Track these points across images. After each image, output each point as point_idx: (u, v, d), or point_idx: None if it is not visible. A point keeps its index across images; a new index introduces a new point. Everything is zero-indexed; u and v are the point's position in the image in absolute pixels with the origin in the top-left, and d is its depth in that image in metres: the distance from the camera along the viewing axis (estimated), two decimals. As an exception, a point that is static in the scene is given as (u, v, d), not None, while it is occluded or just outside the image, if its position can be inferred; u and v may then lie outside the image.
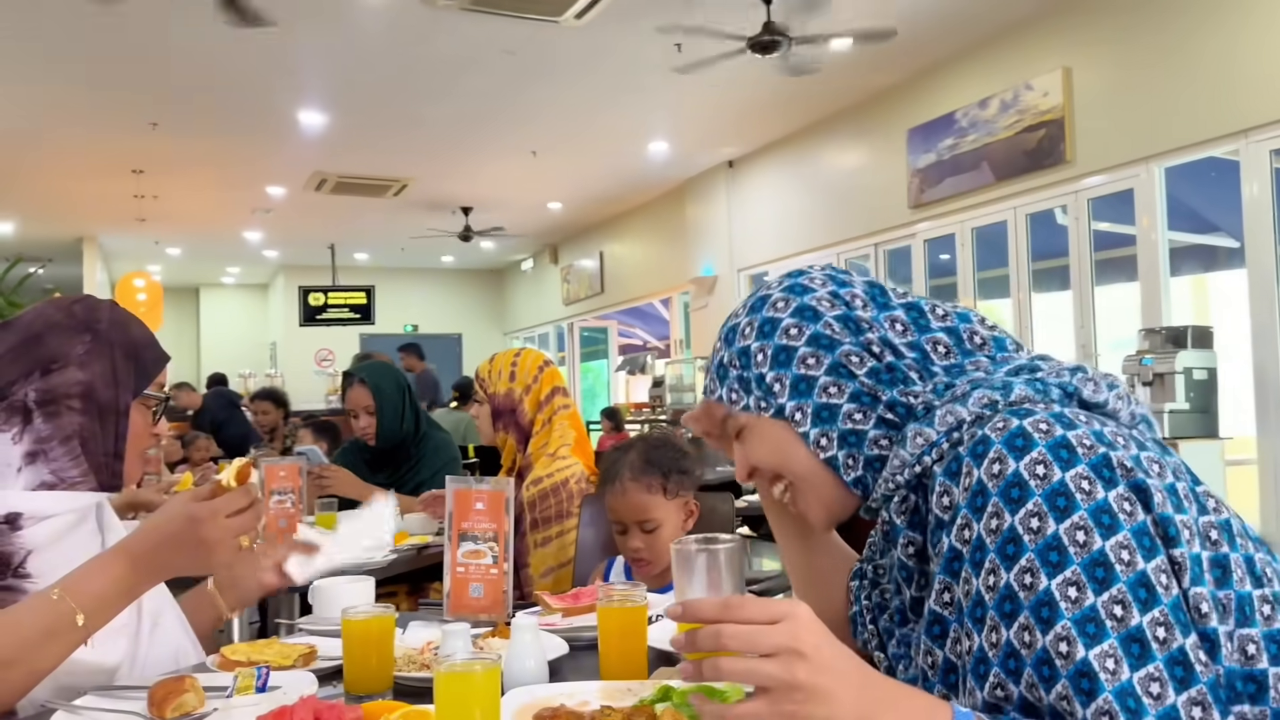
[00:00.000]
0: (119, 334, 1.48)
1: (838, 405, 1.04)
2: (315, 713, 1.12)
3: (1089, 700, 0.81)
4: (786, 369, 1.06)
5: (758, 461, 1.11)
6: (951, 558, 0.94)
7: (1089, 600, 0.83)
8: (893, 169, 7.91)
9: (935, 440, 0.98)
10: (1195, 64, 5.55)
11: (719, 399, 1.12)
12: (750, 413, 1.09)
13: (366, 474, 3.31)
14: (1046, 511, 0.86)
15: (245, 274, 17.04)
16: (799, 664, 0.80)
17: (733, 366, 1.11)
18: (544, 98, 8.04)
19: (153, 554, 1.32)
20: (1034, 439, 0.89)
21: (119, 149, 9.16)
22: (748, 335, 1.10)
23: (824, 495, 1.08)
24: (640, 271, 12.60)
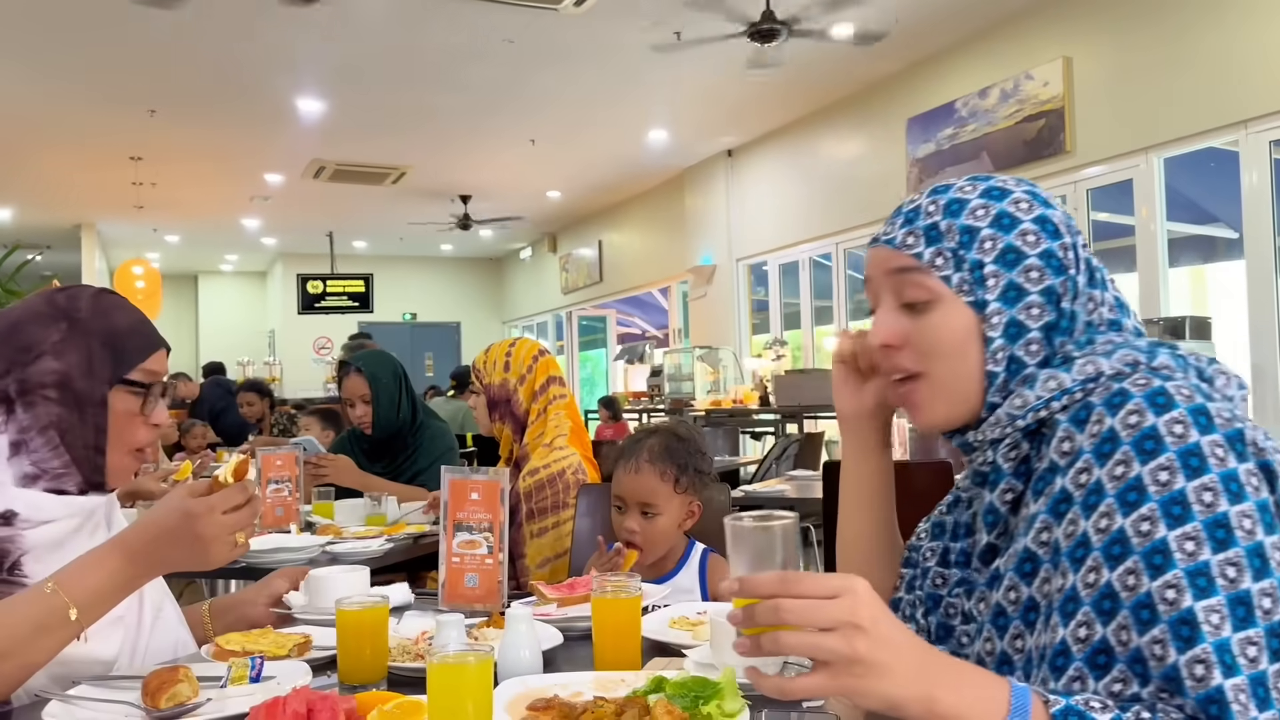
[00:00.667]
0: (98, 322, 1.45)
1: (1028, 328, 1.03)
2: (309, 703, 1.12)
3: (1186, 647, 0.82)
4: (1008, 270, 1.03)
5: (925, 339, 1.06)
6: (1061, 499, 0.95)
7: (1204, 556, 0.84)
8: (892, 158, 7.90)
9: (1068, 387, 0.98)
10: (1195, 54, 5.53)
11: (915, 255, 1.06)
12: (948, 287, 1.04)
13: (364, 463, 3.31)
14: (1178, 468, 0.87)
15: (244, 261, 17.01)
16: (859, 638, 0.81)
17: (949, 236, 1.06)
18: (543, 86, 8.02)
19: (149, 549, 1.31)
20: (1175, 400, 0.90)
21: (117, 136, 9.12)
22: (979, 216, 1.05)
23: (956, 401, 1.06)
24: (639, 260, 12.58)
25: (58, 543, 1.40)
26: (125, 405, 1.45)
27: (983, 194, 1.07)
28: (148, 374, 1.47)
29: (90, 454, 1.42)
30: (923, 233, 1.07)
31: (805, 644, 0.82)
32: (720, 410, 8.16)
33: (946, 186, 1.10)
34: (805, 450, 5.67)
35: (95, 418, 1.42)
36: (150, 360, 1.48)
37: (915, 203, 1.10)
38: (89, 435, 1.41)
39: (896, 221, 1.10)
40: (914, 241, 1.07)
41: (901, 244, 1.08)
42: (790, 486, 4.18)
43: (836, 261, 8.95)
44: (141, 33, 6.69)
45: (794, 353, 9.41)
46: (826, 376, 7.89)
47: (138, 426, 1.46)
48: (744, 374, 9.62)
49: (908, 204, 1.11)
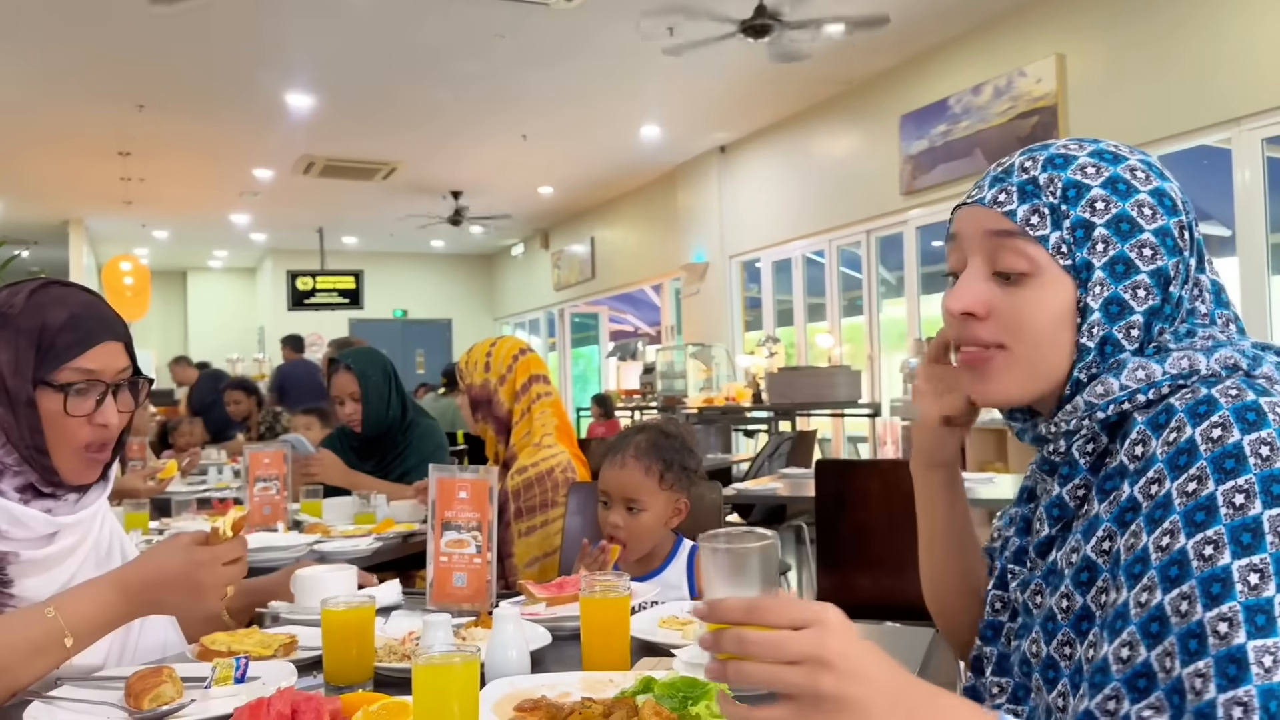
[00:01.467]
0: (29, 318, 1.39)
1: (1131, 310, 0.93)
2: (293, 704, 1.11)
3: (1229, 686, 0.76)
4: (1121, 241, 0.93)
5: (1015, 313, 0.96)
6: (1128, 508, 0.88)
7: (1268, 592, 0.78)
8: (885, 155, 7.90)
9: (1157, 380, 0.90)
10: (1188, 52, 5.54)
11: (1008, 213, 0.96)
12: (1046, 250, 0.94)
13: (353, 461, 3.29)
14: (1257, 493, 0.80)
15: (233, 258, 16.95)
16: (824, 674, 0.76)
17: (1048, 190, 0.95)
18: (535, 81, 8.00)
19: (146, 589, 1.33)
20: (1268, 419, 0.83)
21: (105, 131, 9.07)
22: (1089, 174, 0.95)
23: (1034, 380, 0.97)
24: (631, 257, 12.57)
25: (39, 551, 1.39)
26: (52, 405, 1.38)
27: (1093, 154, 0.98)
28: (81, 372, 1.39)
29: (33, 454, 1.39)
30: (1016, 188, 0.97)
31: (768, 677, 0.77)
32: (713, 407, 8.16)
33: (1045, 146, 1.00)
34: (798, 448, 5.67)
35: (28, 418, 1.37)
36: (84, 358, 1.39)
37: (1009, 161, 1.01)
38: (26, 435, 1.38)
39: (985, 182, 1.01)
40: (1005, 199, 0.97)
41: (992, 202, 0.98)
42: (783, 484, 4.18)
43: (829, 258, 8.95)
44: (130, 26, 6.65)
45: (787, 350, 9.41)
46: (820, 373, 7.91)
47: (78, 426, 1.40)
48: (737, 371, 9.61)
49: (995, 166, 1.02)
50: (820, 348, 9.00)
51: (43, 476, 1.40)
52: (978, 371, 1.00)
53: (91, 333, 1.41)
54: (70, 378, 1.39)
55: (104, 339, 1.42)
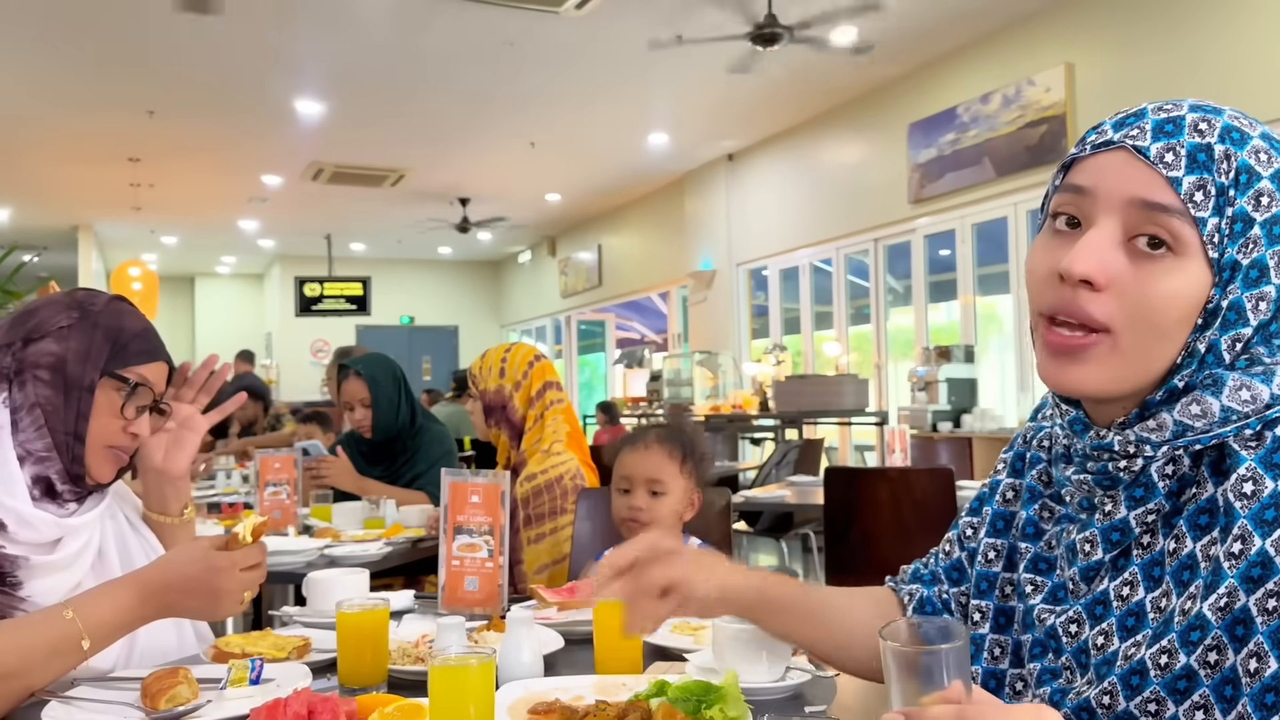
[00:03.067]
0: (109, 318, 1.49)
1: (1247, 320, 0.81)
2: (309, 706, 1.11)
3: None
4: (1269, 245, 0.81)
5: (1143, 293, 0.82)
6: (1258, 563, 0.75)
7: None
8: (893, 163, 7.90)
9: (1262, 404, 0.79)
10: (1197, 61, 5.54)
11: (1173, 180, 0.81)
12: (1199, 232, 0.81)
13: (363, 467, 3.30)
14: None
15: (241, 264, 17.00)
16: None
17: (1221, 168, 0.81)
18: (543, 89, 8.02)
19: (164, 592, 1.35)
20: None
21: (115, 136, 9.12)
22: (1263, 163, 0.82)
23: (1129, 378, 0.84)
24: (638, 265, 12.58)
25: (47, 556, 1.40)
26: (110, 399, 1.47)
27: (1263, 136, 0.84)
28: (141, 378, 1.49)
29: (69, 440, 1.43)
30: (1187, 153, 0.82)
31: None
32: (719, 415, 8.16)
33: (1217, 110, 0.86)
34: (805, 456, 5.67)
35: (80, 402, 1.44)
36: (147, 367, 1.51)
37: (1174, 112, 0.85)
38: (70, 420, 1.43)
39: (1145, 126, 0.85)
40: (1173, 160, 0.82)
41: (1157, 158, 0.82)
42: (790, 492, 4.18)
43: (837, 266, 8.95)
44: (141, 33, 6.69)
45: (794, 358, 9.41)
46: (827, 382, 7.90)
47: (118, 427, 1.48)
48: (743, 379, 9.61)
49: (1157, 109, 0.86)
50: (827, 356, 8.99)
51: (67, 468, 1.43)
52: (1068, 354, 0.85)
53: (158, 348, 1.54)
54: (135, 378, 1.48)
55: (163, 358, 1.55)
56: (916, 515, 2.97)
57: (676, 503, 2.03)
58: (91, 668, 1.39)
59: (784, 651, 1.29)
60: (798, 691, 1.28)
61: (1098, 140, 0.87)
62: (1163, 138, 0.83)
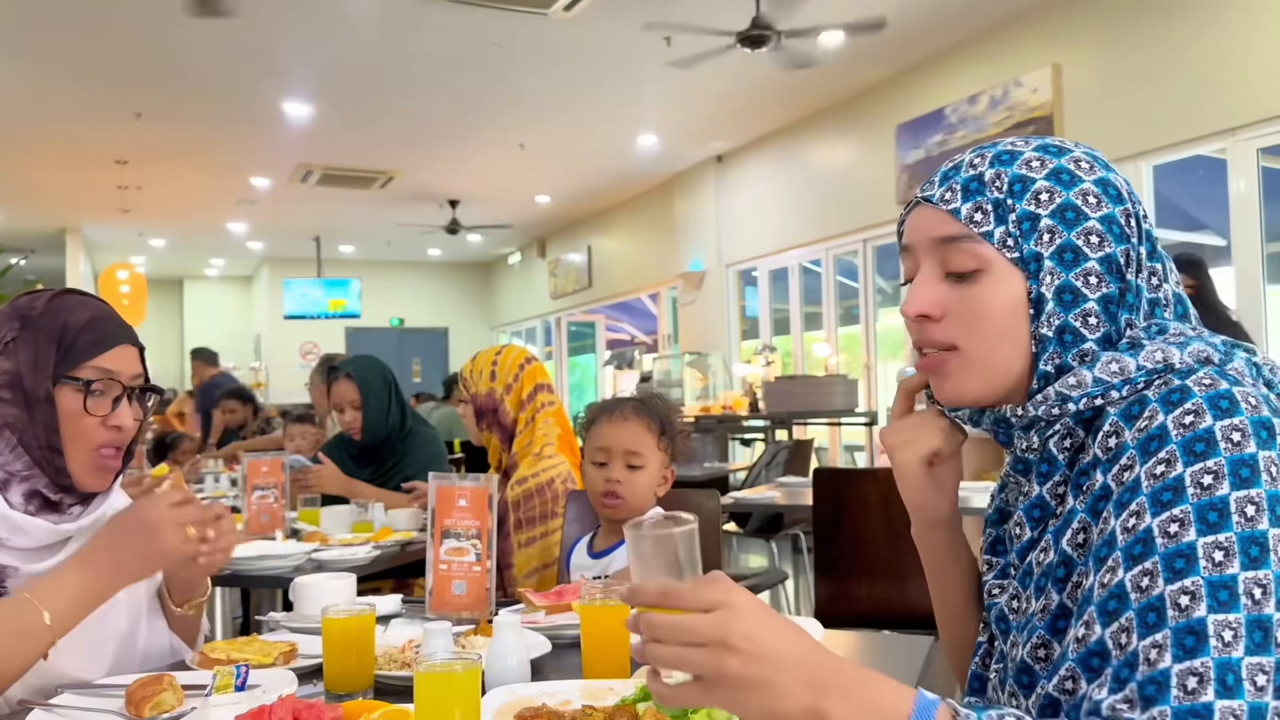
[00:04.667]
0: (50, 319, 1.43)
1: (1086, 296, 0.93)
2: (294, 712, 1.11)
3: (1186, 657, 0.76)
4: (1065, 230, 0.93)
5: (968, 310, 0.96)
6: (1100, 496, 0.88)
7: (1232, 570, 0.78)
8: (881, 164, 7.92)
9: (1132, 374, 0.90)
10: (1184, 62, 5.56)
11: (952, 211, 0.96)
12: (992, 246, 0.94)
13: (352, 469, 3.29)
14: (1225, 474, 0.80)
15: (229, 266, 16.94)
16: (728, 656, 0.78)
17: (994, 186, 0.95)
18: (532, 91, 8.01)
19: (103, 549, 1.34)
20: (1240, 406, 0.83)
21: (102, 139, 9.08)
22: (1035, 169, 0.96)
23: (993, 379, 0.97)
24: (628, 266, 12.58)
25: (40, 564, 1.39)
26: (72, 403, 1.41)
27: (1038, 149, 0.98)
28: (99, 371, 1.42)
29: (47, 454, 1.40)
30: (961, 186, 0.97)
31: (674, 658, 0.80)
32: (709, 416, 8.16)
33: (994, 144, 1.01)
34: (795, 456, 5.67)
35: (44, 416, 1.40)
36: (104, 358, 1.43)
37: (959, 158, 1.01)
38: (41, 434, 1.39)
39: (935, 179, 1.00)
40: (950, 196, 0.97)
41: (939, 200, 0.98)
42: (780, 493, 4.18)
43: (826, 267, 8.96)
44: (127, 35, 6.66)
45: (783, 359, 9.41)
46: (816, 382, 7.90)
47: (94, 427, 1.42)
48: (733, 380, 9.62)
49: (946, 163, 1.02)
50: (817, 356, 9.00)
51: (53, 480, 1.41)
52: (937, 373, 1.00)
53: (112, 334, 1.45)
54: (90, 375, 1.42)
55: (122, 341, 1.46)
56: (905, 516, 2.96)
57: (652, 477, 2.02)
58: (75, 676, 1.38)
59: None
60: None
61: (907, 204, 1.03)
62: (944, 183, 0.99)
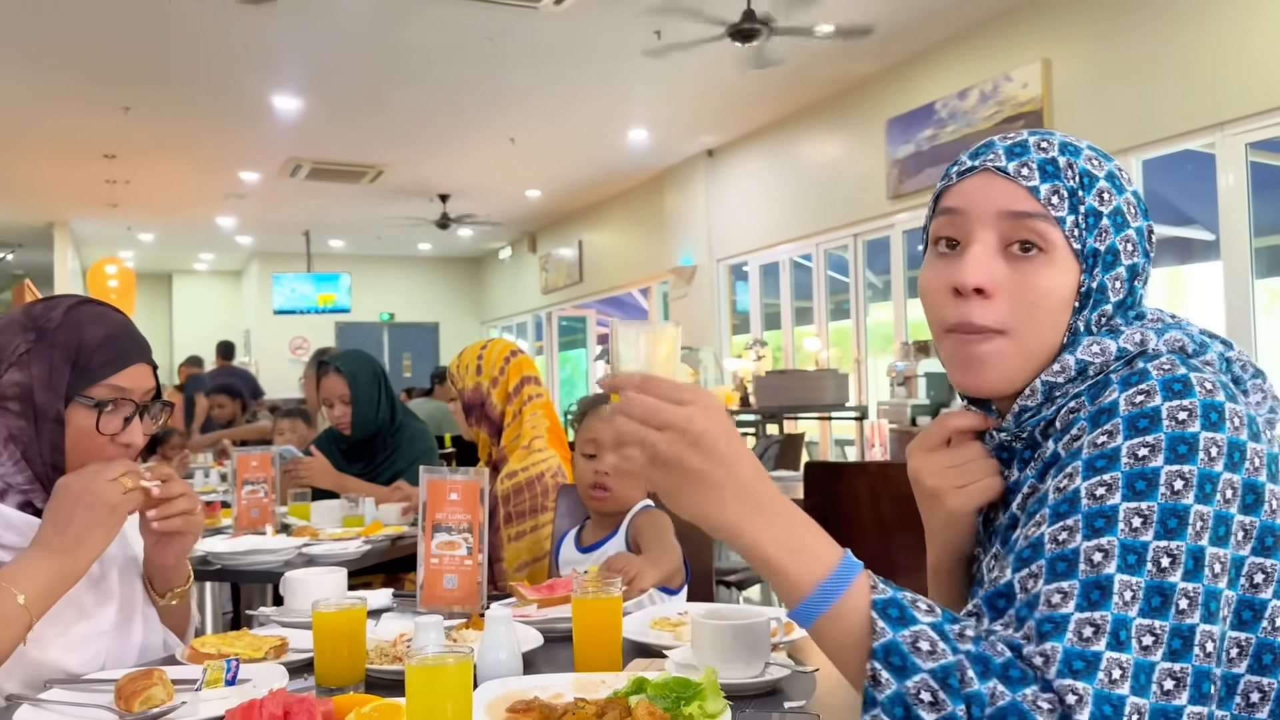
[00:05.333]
0: (66, 334, 1.41)
1: (1108, 298, 0.96)
2: (285, 706, 1.10)
3: (1089, 609, 0.79)
4: (1115, 231, 0.96)
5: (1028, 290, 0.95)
6: (1049, 464, 0.91)
7: (1145, 537, 0.81)
8: (872, 159, 7.92)
9: (1111, 354, 0.92)
10: (1173, 57, 5.58)
11: (1031, 189, 0.94)
12: (1061, 230, 0.94)
13: (342, 464, 3.28)
14: (1162, 448, 0.83)
15: (219, 260, 16.86)
16: (684, 445, 0.82)
17: (1069, 175, 0.96)
18: (523, 84, 7.99)
19: (55, 529, 1.32)
20: (1193, 390, 0.85)
21: (91, 133, 9.02)
22: (1095, 167, 0.98)
23: (1034, 365, 0.96)
24: (619, 261, 12.57)
25: None
26: (84, 422, 1.40)
27: (1090, 147, 1.00)
28: (114, 390, 1.41)
29: (49, 471, 1.39)
30: (1038, 166, 0.96)
31: (636, 433, 0.84)
32: (700, 410, 8.15)
33: (1048, 132, 1.01)
34: (786, 451, 5.67)
35: (51, 434, 1.38)
36: (120, 376, 1.42)
37: (1016, 138, 0.99)
38: (46, 452, 1.38)
39: (999, 151, 0.98)
40: (1029, 174, 0.95)
41: (1015, 174, 0.96)
42: (770, 486, 4.18)
43: (817, 262, 8.97)
44: (116, 28, 6.62)
45: (774, 353, 9.42)
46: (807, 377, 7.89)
47: (102, 445, 1.41)
48: (724, 374, 9.62)
49: (1004, 139, 1.00)
50: (807, 351, 9.01)
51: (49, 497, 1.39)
52: (977, 360, 0.96)
53: (127, 353, 1.44)
54: (104, 395, 1.40)
55: (138, 360, 1.45)
56: (895, 509, 2.97)
57: None
58: (67, 670, 1.38)
59: (763, 647, 1.29)
60: (777, 687, 1.28)
61: (960, 169, 1.00)
62: (1015, 158, 0.96)
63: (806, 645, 1.49)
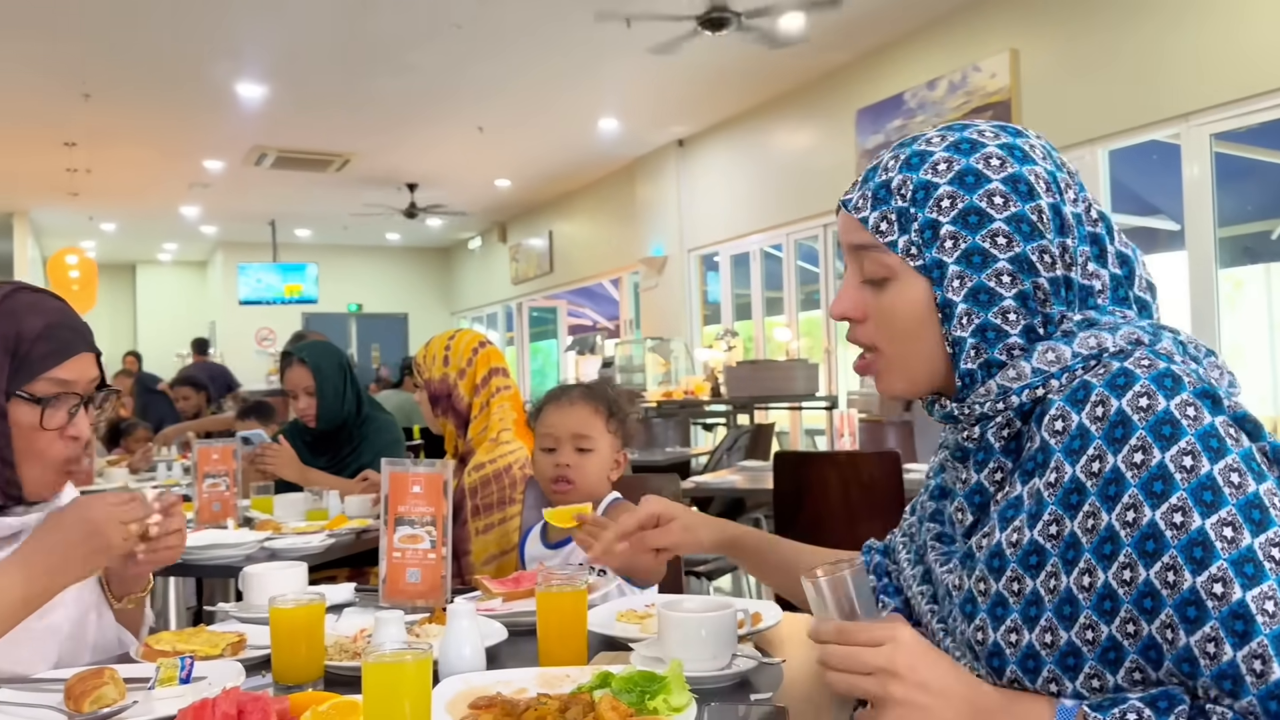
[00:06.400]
0: (3, 327, 1.35)
1: (1001, 295, 0.96)
2: (239, 705, 1.08)
3: (1242, 643, 0.79)
4: (969, 233, 0.96)
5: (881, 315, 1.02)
6: (1073, 489, 0.90)
7: (1246, 541, 0.81)
8: (841, 149, 7.93)
9: (1069, 362, 0.93)
10: (1139, 48, 5.61)
11: (862, 219, 1.01)
12: (895, 253, 0.99)
13: (307, 456, 3.23)
14: (1200, 451, 0.84)
15: (183, 251, 16.63)
16: (892, 683, 0.87)
17: (899, 195, 0.99)
18: (491, 73, 7.93)
19: (44, 549, 1.29)
20: (1183, 382, 0.87)
21: (50, 120, 8.85)
22: (941, 173, 0.98)
23: (914, 378, 1.03)
24: (590, 251, 12.53)
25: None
26: (26, 418, 1.35)
27: (950, 146, 1.00)
28: (57, 384, 1.36)
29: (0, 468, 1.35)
30: (872, 193, 1.02)
31: (848, 685, 0.90)
32: (671, 401, 8.15)
33: (913, 140, 1.03)
34: (756, 441, 5.68)
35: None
36: (62, 368, 1.37)
37: (880, 157, 1.04)
38: None
39: (859, 180, 1.05)
40: (862, 204, 1.02)
41: (853, 208, 1.03)
42: (741, 477, 4.18)
43: (787, 252, 8.97)
44: (75, 12, 6.49)
45: (745, 344, 9.43)
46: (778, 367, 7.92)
47: (50, 440, 1.36)
48: (695, 365, 9.62)
49: (875, 158, 1.06)
50: (778, 341, 9.03)
51: (3, 490, 1.36)
52: (869, 373, 1.07)
53: (69, 343, 1.38)
54: (46, 389, 1.35)
55: (80, 350, 1.40)
56: (864, 498, 2.98)
57: (603, 460, 2.01)
58: (15, 671, 1.34)
59: (730, 639, 1.27)
60: (743, 679, 1.27)
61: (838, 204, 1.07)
62: (861, 187, 1.03)
63: (773, 637, 1.48)
